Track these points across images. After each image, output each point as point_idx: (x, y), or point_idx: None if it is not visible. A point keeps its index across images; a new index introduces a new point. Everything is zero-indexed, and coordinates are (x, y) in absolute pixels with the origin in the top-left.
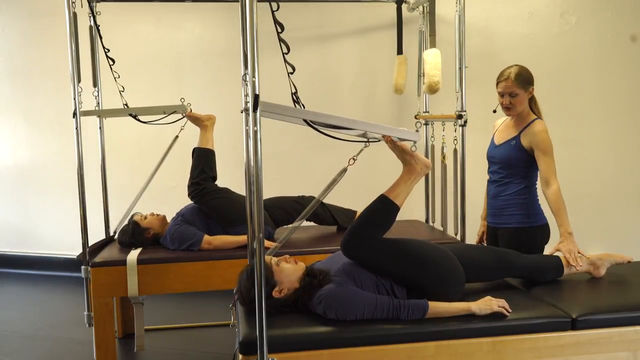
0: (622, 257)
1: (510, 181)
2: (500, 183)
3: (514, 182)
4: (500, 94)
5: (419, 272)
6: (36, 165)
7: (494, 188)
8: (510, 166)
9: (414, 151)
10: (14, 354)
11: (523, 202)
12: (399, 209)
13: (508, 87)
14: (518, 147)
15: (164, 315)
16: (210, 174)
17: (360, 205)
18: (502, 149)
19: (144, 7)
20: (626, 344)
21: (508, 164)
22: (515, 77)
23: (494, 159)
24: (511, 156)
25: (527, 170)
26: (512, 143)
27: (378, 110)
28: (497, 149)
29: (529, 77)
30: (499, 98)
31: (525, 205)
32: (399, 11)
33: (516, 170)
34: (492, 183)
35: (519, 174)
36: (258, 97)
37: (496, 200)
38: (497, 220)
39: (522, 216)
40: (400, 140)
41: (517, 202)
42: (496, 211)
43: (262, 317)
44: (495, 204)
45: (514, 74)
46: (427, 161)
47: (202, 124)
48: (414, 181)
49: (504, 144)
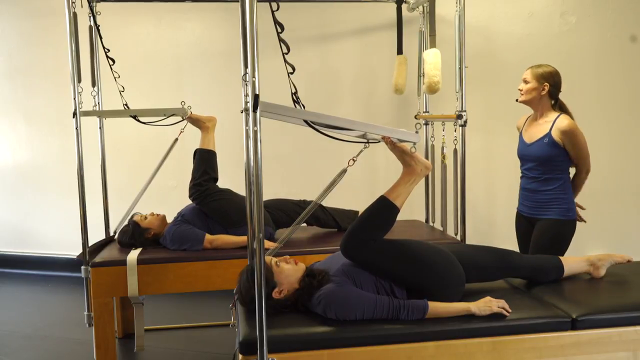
0: (622, 256)
1: (550, 177)
2: (539, 179)
3: (554, 178)
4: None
5: (418, 273)
6: (36, 165)
7: (532, 183)
8: (547, 163)
9: (413, 152)
10: (14, 354)
11: (564, 196)
12: (398, 210)
13: (525, 74)
14: (552, 144)
15: (164, 315)
16: (212, 175)
17: (360, 206)
18: (536, 148)
19: (144, 7)
20: (626, 344)
21: (545, 161)
22: (536, 67)
23: (528, 157)
24: (546, 153)
25: (563, 164)
26: (545, 140)
27: (378, 110)
28: (530, 148)
29: (549, 76)
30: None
31: (566, 199)
32: (399, 11)
33: (553, 166)
34: (530, 179)
35: (556, 169)
36: (258, 97)
37: (537, 194)
38: (536, 212)
39: (564, 210)
40: (400, 141)
41: (559, 197)
42: (537, 204)
43: (262, 317)
44: (536, 198)
45: (536, 65)
46: (427, 162)
47: (203, 125)
48: (414, 182)
49: (536, 142)
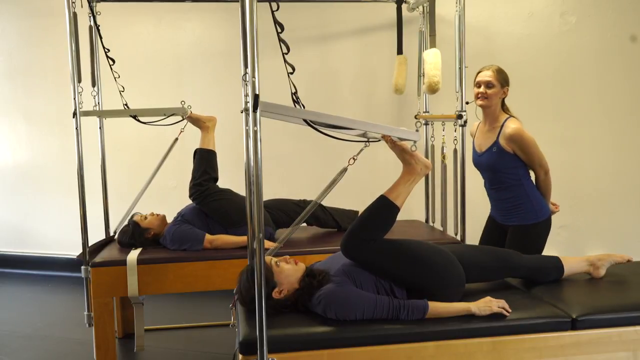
0: (622, 256)
1: (508, 185)
2: (499, 188)
3: (513, 185)
4: (478, 84)
5: (419, 272)
6: (36, 165)
7: (495, 193)
8: (500, 172)
9: (414, 151)
10: (14, 354)
11: (528, 200)
12: (399, 209)
13: (487, 76)
14: (501, 152)
15: (164, 315)
16: (212, 175)
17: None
18: (486, 158)
19: (144, 7)
20: (626, 344)
21: (497, 170)
22: (497, 70)
23: (481, 166)
24: (497, 163)
25: (518, 169)
26: (493, 150)
27: (378, 110)
28: (481, 158)
29: (507, 78)
30: (475, 89)
31: (531, 203)
32: (399, 11)
33: (508, 174)
34: (491, 189)
35: (512, 176)
36: (258, 97)
37: (502, 203)
38: (506, 219)
39: (532, 212)
40: (400, 140)
41: (522, 203)
42: (504, 212)
43: (262, 317)
44: (502, 207)
45: (495, 67)
46: (427, 161)
47: (203, 125)
48: (414, 182)
49: (486, 152)
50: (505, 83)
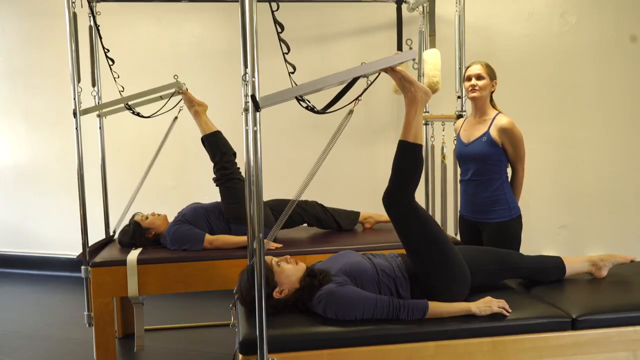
0: (624, 257)
1: (488, 178)
2: (479, 181)
3: (493, 179)
4: (468, 78)
5: (435, 252)
6: (36, 165)
7: (472, 187)
8: (485, 163)
9: (415, 68)
10: (14, 354)
11: (504, 197)
12: (421, 146)
13: (477, 69)
14: (490, 142)
15: (164, 315)
16: (229, 152)
17: (361, 206)
18: (475, 147)
19: (144, 7)
20: (626, 344)
21: (483, 160)
22: (485, 64)
23: (466, 157)
24: (485, 152)
25: (501, 163)
26: (483, 139)
27: (378, 110)
28: (468, 148)
29: (495, 72)
30: (466, 83)
31: (506, 199)
32: (399, 11)
33: (491, 166)
34: (469, 182)
35: (494, 170)
36: (255, 98)
37: (477, 198)
38: (480, 216)
39: (505, 210)
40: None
41: (500, 198)
42: (478, 208)
43: (262, 317)
44: (477, 202)
45: (483, 62)
46: (425, 88)
47: (193, 109)
48: (419, 112)
49: (475, 142)
50: (493, 76)
